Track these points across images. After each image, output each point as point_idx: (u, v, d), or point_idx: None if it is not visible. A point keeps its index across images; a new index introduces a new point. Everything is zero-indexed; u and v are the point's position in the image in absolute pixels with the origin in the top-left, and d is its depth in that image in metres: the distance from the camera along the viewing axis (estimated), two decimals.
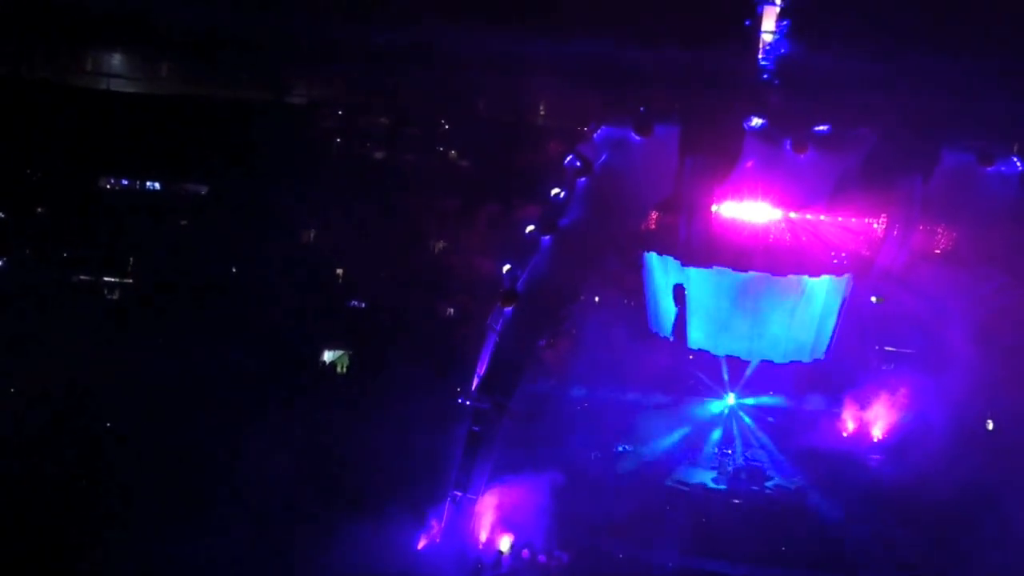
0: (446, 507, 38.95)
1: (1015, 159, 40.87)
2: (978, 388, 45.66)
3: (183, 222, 66.88)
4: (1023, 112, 50.10)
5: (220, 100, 69.40)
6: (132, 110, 67.98)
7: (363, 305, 64.09)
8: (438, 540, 38.35)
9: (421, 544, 38.17)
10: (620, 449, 48.47)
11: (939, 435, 45.74)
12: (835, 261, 43.51)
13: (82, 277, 64.23)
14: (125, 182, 69.15)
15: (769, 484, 46.49)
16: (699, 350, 45.99)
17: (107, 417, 47.65)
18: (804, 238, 43.26)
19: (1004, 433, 49.21)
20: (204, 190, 68.57)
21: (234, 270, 63.26)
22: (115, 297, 64.31)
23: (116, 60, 71.18)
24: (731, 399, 49.74)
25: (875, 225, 42.74)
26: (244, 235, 61.86)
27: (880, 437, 50.51)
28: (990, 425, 50.08)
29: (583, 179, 40.12)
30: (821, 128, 40.45)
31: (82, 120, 65.30)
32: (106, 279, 64.65)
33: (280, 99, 70.77)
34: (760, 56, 43.66)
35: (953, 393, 46.13)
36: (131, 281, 64.51)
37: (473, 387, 40.30)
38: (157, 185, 69.01)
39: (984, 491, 42.14)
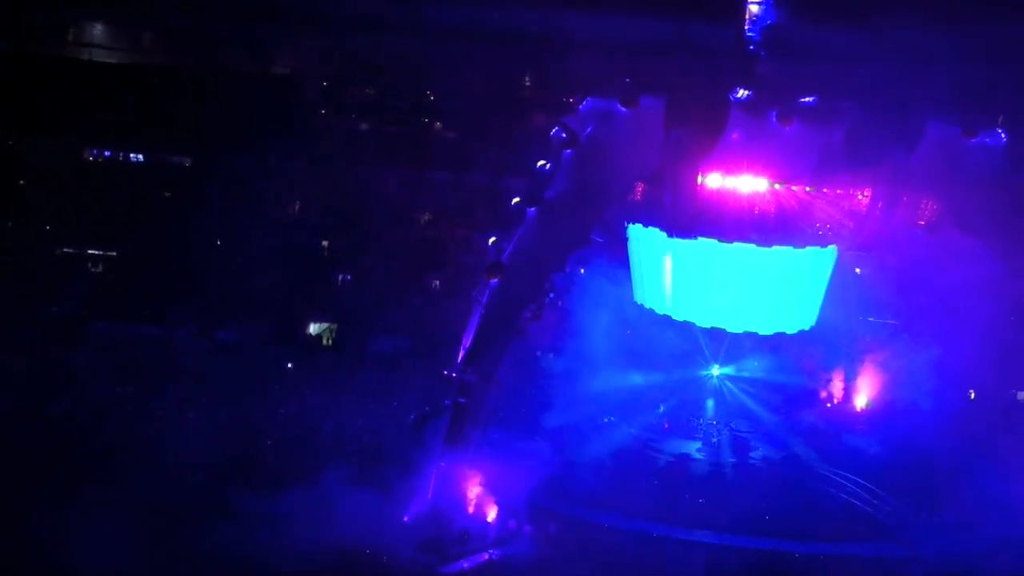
0: (433, 478, 39.09)
1: (999, 131, 40.99)
2: (961, 358, 46.11)
3: (167, 194, 66.51)
4: (1008, 83, 50.19)
5: (204, 71, 68.80)
6: (115, 81, 67.32)
7: (348, 277, 64.03)
8: (425, 511, 38.50)
9: (408, 515, 38.31)
10: (605, 420, 48.71)
11: (922, 406, 46.18)
12: (820, 233, 43.56)
13: (65, 250, 63.92)
14: (108, 154, 68.66)
15: (754, 455, 46.80)
16: (684, 321, 46.11)
17: (88, 391, 47.44)
18: (789, 210, 43.25)
19: (986, 403, 49.76)
20: (188, 162, 68.14)
21: (218, 242, 63.03)
22: (99, 270, 64.05)
23: (98, 30, 70.43)
24: (716, 370, 49.96)
25: (860, 197, 42.79)
26: (229, 207, 61.61)
27: (864, 408, 50.91)
28: (972, 395, 50.59)
29: (569, 151, 40.05)
30: (806, 100, 40.42)
31: (64, 91, 64.71)
32: (90, 251, 64.36)
33: (265, 70, 70.24)
34: (746, 27, 43.46)
35: (936, 364, 46.58)
36: (114, 254, 64.22)
37: (459, 359, 40.39)
38: (140, 157, 68.53)
39: (966, 461, 42.59)
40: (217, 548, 34.15)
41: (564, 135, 40.10)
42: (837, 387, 51.91)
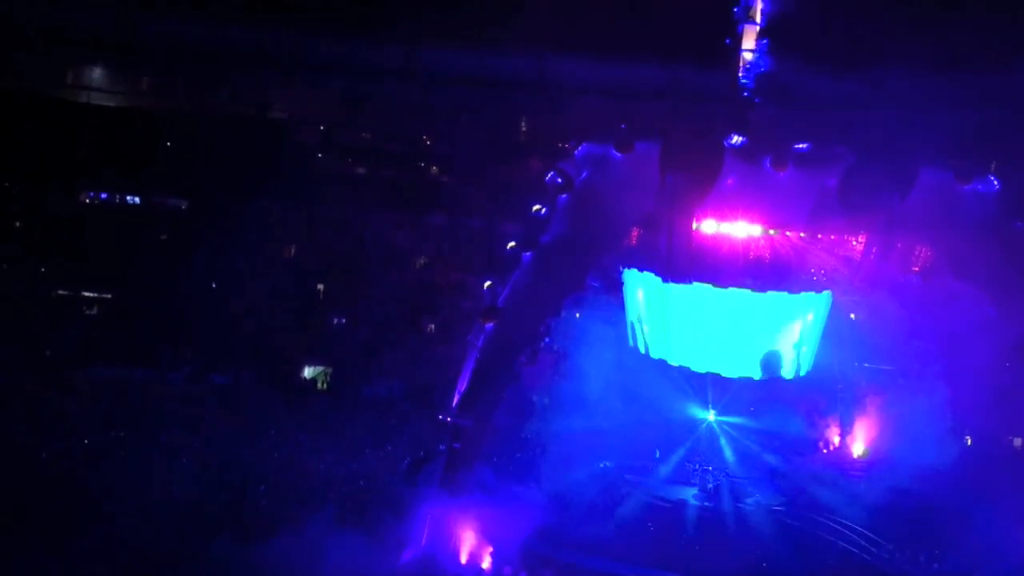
0: (427, 523, 38.82)
1: (992, 177, 41.31)
2: (957, 404, 46.05)
3: (163, 237, 66.58)
4: (1002, 130, 50.55)
5: (201, 114, 69.18)
6: (112, 124, 67.61)
7: (343, 321, 63.93)
8: (419, 557, 38.20)
9: (402, 560, 38.00)
10: (601, 465, 48.46)
11: (918, 452, 46.02)
12: (815, 278, 43.70)
13: (60, 292, 63.81)
14: (104, 196, 68.81)
15: (750, 501, 46.52)
16: (680, 367, 46.03)
17: (81, 434, 47.15)
18: (784, 255, 43.40)
19: (983, 448, 49.57)
20: (184, 204, 68.29)
21: (213, 285, 63.01)
22: (94, 312, 63.91)
23: (97, 73, 70.87)
24: (712, 416, 49.76)
25: (854, 242, 42.99)
26: (224, 250, 61.68)
27: (860, 454, 50.74)
28: (969, 441, 50.40)
29: (564, 196, 40.31)
30: (800, 146, 40.73)
31: (62, 133, 64.98)
32: (85, 293, 64.25)
33: (262, 114, 70.63)
34: (740, 74, 43.88)
35: (932, 409, 46.50)
36: (110, 296, 64.12)
37: (454, 403, 40.30)
38: (137, 199, 68.69)
39: (964, 507, 42.38)
40: None
41: (560, 180, 40.39)
42: (833, 433, 51.79)
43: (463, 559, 38.61)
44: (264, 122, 69.95)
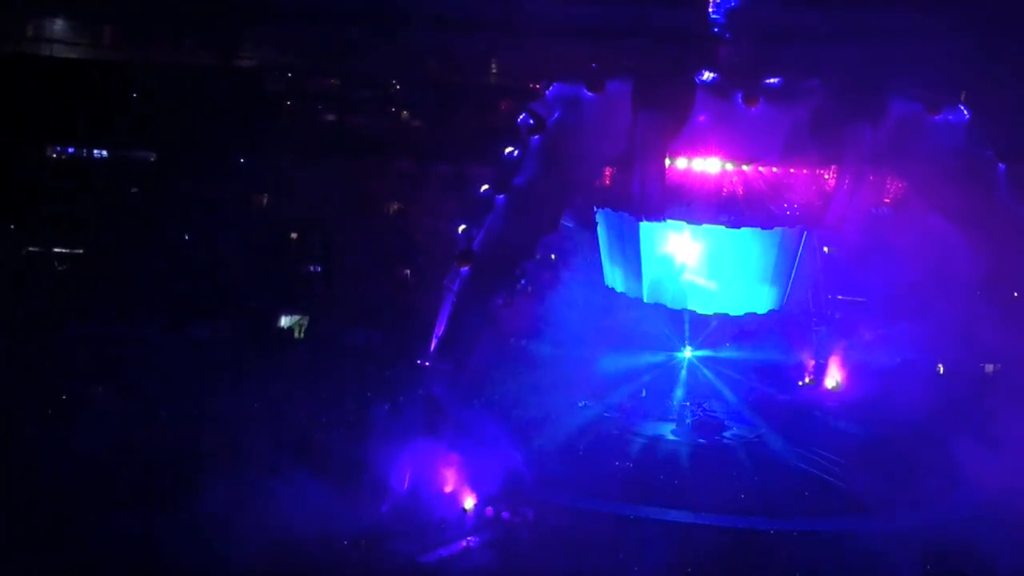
0: (409, 468, 39.06)
1: (962, 107, 41.46)
2: (929, 334, 46.61)
3: (133, 190, 65.85)
4: (970, 62, 50.62)
5: (166, 65, 68.12)
6: (77, 77, 66.48)
7: (318, 269, 63.78)
8: (402, 501, 38.48)
9: (386, 505, 38.28)
10: (581, 404, 48.83)
11: (891, 381, 46.61)
12: (788, 213, 43.84)
13: (31, 249, 63.22)
14: (72, 151, 67.88)
15: (727, 434, 47.11)
16: (655, 304, 46.26)
17: (58, 391, 46.97)
18: (758, 190, 43.46)
19: (955, 377, 50.29)
20: (153, 157, 67.47)
21: (186, 237, 62.56)
22: (65, 268, 63.39)
23: (59, 26, 69.55)
24: (688, 352, 50.15)
25: (826, 176, 43.12)
26: (195, 202, 61.16)
27: (834, 385, 51.33)
28: (941, 369, 51.13)
29: (536, 137, 40.13)
30: (772, 81, 40.68)
31: (25, 88, 63.84)
32: (56, 250, 63.67)
33: (228, 63, 69.64)
34: (711, 10, 43.63)
35: (904, 339, 47.03)
36: (81, 251, 63.58)
37: (432, 348, 40.37)
38: (105, 153, 67.79)
39: (935, 434, 43.04)
40: (193, 542, 34.05)
41: (531, 121, 40.21)
42: (808, 365, 52.31)
43: (446, 501, 38.91)
44: (231, 71, 68.99)
